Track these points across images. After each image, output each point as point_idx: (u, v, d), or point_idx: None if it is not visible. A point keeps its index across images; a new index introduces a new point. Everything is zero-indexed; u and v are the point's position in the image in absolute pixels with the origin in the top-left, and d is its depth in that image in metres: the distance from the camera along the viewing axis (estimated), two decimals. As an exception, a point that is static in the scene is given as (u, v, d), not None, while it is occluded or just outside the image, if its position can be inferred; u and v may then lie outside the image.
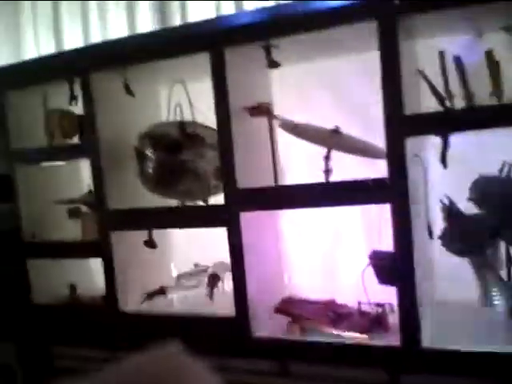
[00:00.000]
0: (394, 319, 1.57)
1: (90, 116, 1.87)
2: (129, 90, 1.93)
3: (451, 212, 1.47)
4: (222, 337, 1.74)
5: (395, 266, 1.45)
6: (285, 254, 1.99)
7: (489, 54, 1.41)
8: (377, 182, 1.43)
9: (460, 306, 1.66)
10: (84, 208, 2.12)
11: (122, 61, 1.82)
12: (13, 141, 2.08)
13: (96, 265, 2.09)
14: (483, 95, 1.41)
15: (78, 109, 2.00)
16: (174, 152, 1.85)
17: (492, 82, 1.41)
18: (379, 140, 1.44)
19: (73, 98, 1.96)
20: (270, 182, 1.76)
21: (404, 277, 1.42)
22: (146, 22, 2.42)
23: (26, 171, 2.11)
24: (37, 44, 2.74)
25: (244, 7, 2.14)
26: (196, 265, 2.13)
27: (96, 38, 2.54)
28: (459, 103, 1.44)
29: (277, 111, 1.79)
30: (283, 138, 1.78)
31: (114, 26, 2.51)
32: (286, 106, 1.86)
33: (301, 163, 1.93)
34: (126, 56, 1.80)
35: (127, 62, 1.82)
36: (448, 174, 1.49)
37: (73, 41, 2.60)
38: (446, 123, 1.37)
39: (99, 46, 2.08)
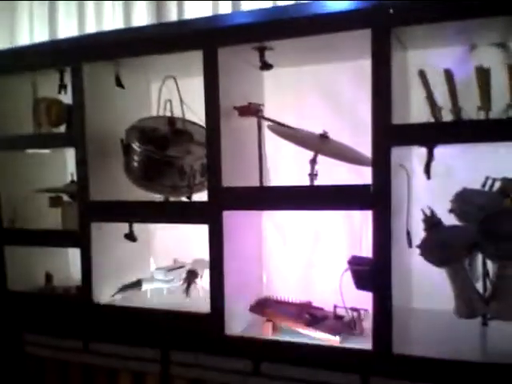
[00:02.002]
0: (368, 324, 1.59)
1: (79, 106, 1.86)
2: (119, 83, 1.93)
3: (431, 222, 1.49)
4: (195, 333, 1.74)
5: (373, 272, 1.47)
6: (265, 254, 2.00)
7: (479, 69, 1.44)
8: (360, 189, 1.45)
9: (435, 314, 1.69)
10: (66, 197, 2.10)
11: (114, 53, 1.82)
12: (-1, 127, 2.05)
13: (74, 255, 2.08)
14: (471, 109, 1.43)
15: (67, 98, 1.99)
16: (161, 147, 1.85)
17: (480, 97, 1.44)
18: (368, 147, 1.46)
19: (62, 86, 1.95)
20: (255, 183, 1.77)
21: (380, 283, 1.44)
22: (142, 19, 2.42)
23: (10, 157, 2.09)
24: (31, 34, 2.72)
25: (241, 7, 2.16)
26: (175, 260, 2.13)
27: (91, 30, 2.53)
28: (447, 116, 1.47)
29: (267, 112, 1.80)
30: (271, 139, 1.79)
31: (109, 21, 2.51)
32: (276, 107, 1.88)
33: (287, 165, 1.95)
34: (119, 48, 1.80)
35: (120, 54, 1.82)
36: (431, 184, 1.52)
37: (67, 32, 2.58)
38: (432, 135, 1.40)
39: (92, 36, 2.08)
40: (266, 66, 1.67)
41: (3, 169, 2.08)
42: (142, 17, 2.43)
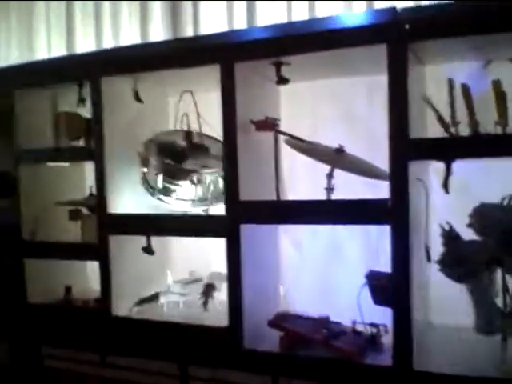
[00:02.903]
0: (387, 340, 1.58)
1: (98, 119, 1.89)
2: (138, 97, 1.96)
3: (450, 237, 1.47)
4: (213, 347, 1.74)
5: (392, 288, 1.46)
6: (282, 268, 2.00)
7: (496, 84, 1.43)
8: (378, 203, 1.45)
9: (454, 330, 1.67)
10: (85, 210, 2.12)
11: (133, 67, 1.85)
12: (20, 140, 2.08)
13: (93, 268, 2.10)
14: (488, 123, 1.42)
15: (86, 111, 2.02)
16: (178, 160, 1.87)
17: (497, 111, 1.43)
18: (383, 161, 1.46)
19: (81, 100, 1.98)
20: (272, 196, 1.77)
21: (400, 299, 1.43)
22: (158, 34, 2.45)
23: (30, 170, 2.12)
24: (48, 47, 2.77)
25: (256, 23, 2.18)
26: (191, 273, 2.14)
27: (108, 45, 2.57)
28: (464, 130, 1.46)
29: (283, 127, 1.81)
30: (287, 153, 1.80)
31: (126, 34, 2.54)
32: (293, 121, 1.88)
33: (304, 179, 1.95)
34: (138, 63, 1.82)
35: (138, 68, 1.84)
36: (449, 199, 1.51)
37: (85, 47, 2.62)
38: (449, 149, 1.39)
39: (111, 51, 2.11)
40: (282, 80, 1.68)
41: (24, 182, 2.10)
42: (158, 32, 2.47)
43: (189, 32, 2.33)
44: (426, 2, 1.91)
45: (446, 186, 1.42)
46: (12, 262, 2.12)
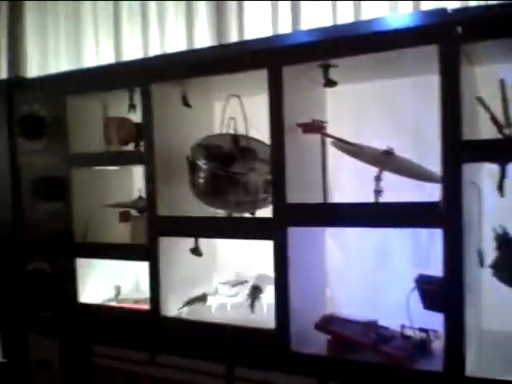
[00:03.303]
0: (437, 346, 1.55)
1: (148, 125, 1.93)
2: (186, 102, 1.99)
3: (504, 241, 1.44)
4: (260, 349, 1.75)
5: (444, 292, 1.43)
6: (329, 270, 2.00)
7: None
8: (429, 206, 1.43)
9: (507, 336, 1.63)
10: (134, 212, 2.18)
11: (182, 73, 1.89)
12: (71, 144, 2.15)
13: (140, 268, 2.15)
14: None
15: (135, 117, 2.08)
16: (225, 164, 1.89)
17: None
18: (433, 163, 1.44)
19: (132, 106, 2.04)
20: (318, 199, 1.78)
21: (452, 303, 1.41)
22: (204, 40, 2.50)
23: (82, 174, 2.18)
24: (97, 54, 2.86)
25: (300, 27, 2.19)
26: (238, 275, 2.16)
27: (154, 49, 2.64)
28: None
29: (330, 129, 1.81)
30: (334, 155, 1.80)
31: (172, 40, 2.60)
32: (339, 123, 1.88)
33: (351, 182, 1.94)
34: (187, 69, 1.86)
35: (187, 75, 1.88)
36: (503, 202, 1.47)
37: (132, 51, 2.70)
38: (504, 151, 1.37)
39: (160, 57, 2.16)
40: (330, 83, 1.68)
41: (76, 185, 2.17)
42: (203, 36, 2.51)
43: (233, 32, 2.36)
44: (474, 3, 1.89)
45: (501, 188, 1.39)
46: (64, 263, 2.18)
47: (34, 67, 3.06)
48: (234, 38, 2.41)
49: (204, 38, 2.50)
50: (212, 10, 2.45)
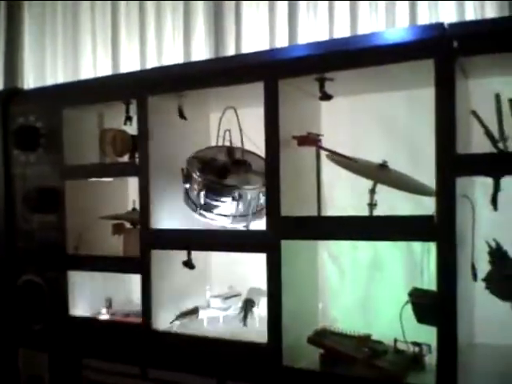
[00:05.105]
0: (430, 360, 1.54)
1: (143, 137, 1.94)
2: (182, 114, 2.00)
3: (497, 255, 1.44)
4: (252, 363, 1.73)
5: (437, 306, 1.43)
6: (321, 284, 1.99)
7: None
8: (423, 220, 1.43)
9: (500, 350, 1.63)
10: (127, 224, 2.17)
11: (178, 86, 1.89)
12: (66, 156, 2.15)
13: (132, 280, 2.14)
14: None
15: (131, 129, 2.08)
16: (220, 176, 1.89)
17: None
18: (427, 176, 1.45)
19: (128, 118, 2.04)
20: (313, 212, 1.78)
21: (445, 317, 1.40)
22: (201, 53, 2.52)
23: (75, 185, 2.17)
24: (94, 65, 2.87)
25: (297, 41, 2.22)
26: (230, 287, 2.15)
27: (152, 61, 2.65)
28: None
29: (325, 142, 1.82)
30: (329, 168, 1.80)
31: (169, 52, 2.62)
32: (334, 137, 1.89)
33: (346, 195, 1.95)
34: (183, 82, 1.87)
35: (184, 87, 1.88)
36: (496, 216, 1.48)
37: (129, 64, 2.71)
38: (498, 165, 1.37)
39: (156, 70, 2.17)
40: (325, 96, 1.69)
41: (70, 196, 2.16)
42: (200, 49, 2.54)
43: (231, 47, 2.38)
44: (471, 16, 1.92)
45: (494, 202, 1.39)
46: (56, 275, 2.16)
47: (31, 79, 3.07)
48: (231, 51, 2.43)
49: (201, 51, 2.53)
50: (210, 23, 2.48)
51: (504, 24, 1.38)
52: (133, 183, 2.15)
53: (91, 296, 2.21)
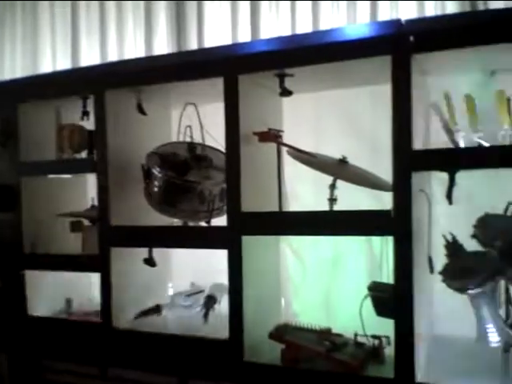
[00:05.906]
0: (389, 352, 1.56)
1: (101, 132, 1.90)
2: (141, 109, 1.97)
3: (453, 248, 1.47)
4: (214, 360, 1.73)
5: (394, 299, 1.45)
6: (283, 279, 1.99)
7: (499, 94, 1.44)
8: (381, 214, 1.45)
9: (457, 341, 1.66)
10: (86, 222, 2.12)
11: (137, 81, 1.86)
12: (22, 153, 2.09)
13: (94, 279, 2.09)
14: (495, 133, 1.43)
15: (89, 124, 2.03)
16: (181, 172, 1.87)
17: (501, 122, 1.44)
18: (387, 172, 1.46)
19: (85, 113, 2.00)
20: (274, 207, 1.78)
21: (402, 310, 1.42)
22: (163, 47, 2.48)
23: (32, 182, 2.12)
24: (53, 62, 2.80)
25: (260, 36, 2.21)
26: (192, 284, 2.13)
27: (113, 57, 2.60)
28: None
29: (286, 138, 1.82)
30: (289, 164, 1.80)
31: (131, 49, 2.57)
32: (295, 133, 1.89)
33: (306, 190, 1.95)
34: (141, 76, 1.84)
35: (142, 82, 1.85)
36: (452, 210, 1.51)
37: (90, 59, 2.65)
38: (453, 160, 1.40)
39: (115, 64, 2.13)
40: (285, 92, 1.69)
41: (26, 194, 2.10)
42: (162, 45, 2.50)
43: (193, 44, 2.36)
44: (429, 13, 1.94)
45: (449, 196, 1.42)
46: (12, 275, 2.10)
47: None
48: (193, 46, 2.40)
49: (163, 49, 2.49)
50: (172, 21, 2.44)
51: (460, 20, 1.41)
52: (91, 180, 2.11)
53: (51, 296, 2.16)
